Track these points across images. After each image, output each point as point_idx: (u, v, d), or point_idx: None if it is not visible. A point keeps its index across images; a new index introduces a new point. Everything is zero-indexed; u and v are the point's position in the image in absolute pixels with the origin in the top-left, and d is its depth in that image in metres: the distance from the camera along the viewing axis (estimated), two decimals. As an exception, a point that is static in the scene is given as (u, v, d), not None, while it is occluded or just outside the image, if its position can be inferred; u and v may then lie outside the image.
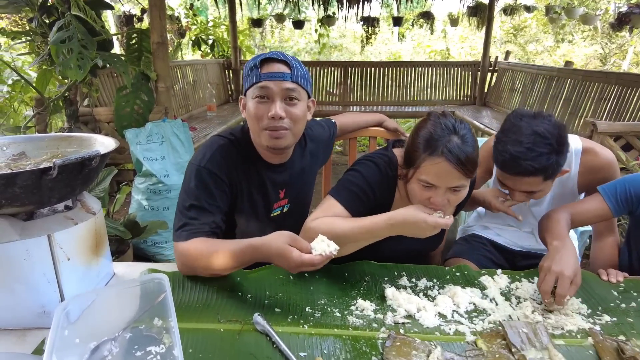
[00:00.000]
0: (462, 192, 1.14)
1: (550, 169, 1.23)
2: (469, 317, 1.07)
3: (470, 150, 1.09)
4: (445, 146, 1.08)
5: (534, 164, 1.22)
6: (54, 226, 0.96)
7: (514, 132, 1.27)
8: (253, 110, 1.19)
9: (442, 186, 1.11)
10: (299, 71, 1.20)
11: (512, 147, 1.24)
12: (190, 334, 0.94)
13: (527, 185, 1.29)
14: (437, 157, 1.08)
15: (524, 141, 1.23)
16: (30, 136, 1.21)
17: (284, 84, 1.17)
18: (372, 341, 0.95)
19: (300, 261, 0.97)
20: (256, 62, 1.19)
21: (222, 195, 1.23)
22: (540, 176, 1.25)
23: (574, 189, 1.49)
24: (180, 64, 5.03)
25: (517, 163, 1.24)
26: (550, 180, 1.28)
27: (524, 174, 1.25)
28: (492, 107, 5.83)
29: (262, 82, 1.17)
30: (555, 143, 1.23)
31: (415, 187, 1.15)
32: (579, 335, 1.00)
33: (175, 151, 2.84)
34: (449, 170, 1.08)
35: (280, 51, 1.23)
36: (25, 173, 0.85)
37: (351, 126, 1.76)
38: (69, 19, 2.30)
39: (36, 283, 0.94)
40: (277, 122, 1.18)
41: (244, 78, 1.24)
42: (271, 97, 1.18)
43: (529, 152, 1.22)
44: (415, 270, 1.27)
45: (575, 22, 7.08)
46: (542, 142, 1.22)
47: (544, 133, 1.23)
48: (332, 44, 10.81)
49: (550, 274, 1.09)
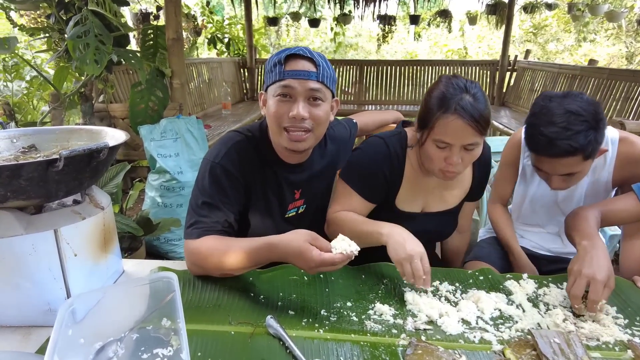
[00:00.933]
0: (475, 151, 1.15)
1: (590, 147, 1.15)
2: (494, 324, 1.00)
3: (482, 107, 1.10)
4: (458, 103, 1.09)
5: (572, 142, 1.14)
6: (61, 221, 0.92)
7: (544, 114, 1.19)
8: (273, 109, 1.13)
9: (456, 144, 1.12)
10: (325, 70, 1.13)
11: (546, 129, 1.17)
12: (199, 336, 0.90)
13: (566, 167, 1.20)
14: (450, 115, 1.10)
15: (557, 121, 1.16)
16: (41, 129, 1.18)
17: (308, 83, 1.10)
18: (391, 348, 0.89)
19: (320, 260, 0.92)
20: (280, 57, 1.11)
21: (236, 193, 1.18)
22: (579, 155, 1.16)
23: (608, 183, 1.40)
24: (195, 62, 5.03)
25: (553, 144, 1.16)
26: (590, 159, 1.19)
27: (563, 155, 1.16)
28: (511, 107, 5.70)
29: (285, 80, 1.10)
30: (591, 119, 1.14)
31: (430, 149, 1.16)
32: (617, 348, 0.92)
33: (190, 148, 2.81)
34: (462, 127, 1.09)
35: (306, 47, 1.16)
36: (30, 164, 0.81)
37: (371, 125, 1.70)
38: (85, 13, 2.29)
39: (42, 279, 0.91)
40: (298, 123, 1.11)
41: (266, 73, 1.17)
42: (294, 96, 1.11)
43: (565, 131, 1.14)
44: (436, 273, 1.20)
45: (600, 19, 6.87)
46: (576, 119, 1.14)
47: (578, 110, 1.15)
48: (347, 43, 10.74)
49: (581, 277, 1.02)
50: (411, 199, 1.35)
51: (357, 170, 1.30)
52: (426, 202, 1.37)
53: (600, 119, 1.16)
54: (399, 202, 1.34)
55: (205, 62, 5.29)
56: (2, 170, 0.79)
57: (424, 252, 1.07)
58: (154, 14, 5.41)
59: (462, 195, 1.40)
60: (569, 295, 1.04)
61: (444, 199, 1.38)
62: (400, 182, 1.32)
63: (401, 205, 1.35)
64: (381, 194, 1.31)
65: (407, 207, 1.35)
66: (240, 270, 1.07)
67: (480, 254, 1.59)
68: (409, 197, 1.34)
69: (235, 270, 1.07)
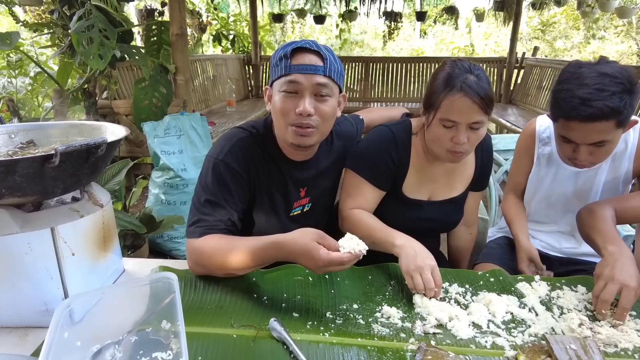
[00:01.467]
0: (481, 131, 1.17)
1: (625, 111, 1.10)
2: (506, 328, 0.96)
3: (486, 86, 1.13)
4: (464, 82, 1.12)
5: (608, 103, 1.08)
6: (58, 218, 0.89)
7: (576, 78, 1.14)
8: (279, 105, 1.09)
9: (462, 122, 1.14)
10: (332, 64, 1.09)
11: (580, 91, 1.12)
12: (200, 339, 0.86)
13: (597, 133, 1.14)
14: (456, 93, 1.12)
15: (591, 83, 1.11)
16: (40, 124, 1.16)
17: (315, 78, 1.06)
18: (400, 353, 0.86)
19: (328, 259, 0.89)
20: (286, 51, 1.07)
21: (240, 191, 1.15)
22: (613, 120, 1.10)
23: (628, 172, 1.35)
24: (200, 59, 5.01)
25: (588, 105, 1.10)
26: (620, 129, 1.14)
27: (597, 118, 1.11)
28: (518, 104, 5.62)
29: (291, 75, 1.06)
30: (626, 82, 1.09)
31: (437, 130, 1.18)
32: (636, 355, 0.88)
33: (194, 145, 2.79)
34: (468, 105, 1.11)
35: (313, 40, 1.13)
36: (26, 160, 0.78)
37: (377, 121, 1.66)
38: (88, 8, 2.27)
39: (38, 279, 0.88)
40: (304, 119, 1.07)
41: (272, 67, 1.13)
42: (300, 91, 1.07)
43: (600, 93, 1.09)
44: (446, 274, 1.17)
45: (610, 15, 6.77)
46: (611, 81, 1.09)
47: (613, 73, 1.10)
48: (353, 40, 10.67)
49: (614, 283, 0.98)
50: (418, 186, 1.35)
51: (364, 158, 1.30)
52: (432, 190, 1.37)
53: (635, 83, 1.11)
54: (405, 189, 1.34)
55: (210, 59, 5.26)
56: (-5, 166, 0.76)
57: (435, 265, 1.06)
58: (158, 11, 5.39)
59: (466, 183, 1.41)
60: (597, 299, 1.00)
61: (450, 186, 1.38)
62: (407, 168, 1.32)
63: (408, 192, 1.34)
64: (390, 179, 1.32)
65: (414, 195, 1.35)
66: (245, 270, 1.04)
67: (490, 255, 1.55)
68: (415, 184, 1.34)
69: (240, 270, 1.03)
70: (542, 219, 1.55)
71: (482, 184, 1.46)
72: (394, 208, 1.35)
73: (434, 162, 1.32)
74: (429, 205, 1.37)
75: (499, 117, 4.70)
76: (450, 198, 1.39)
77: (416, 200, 1.35)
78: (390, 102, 6.06)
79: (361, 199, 1.30)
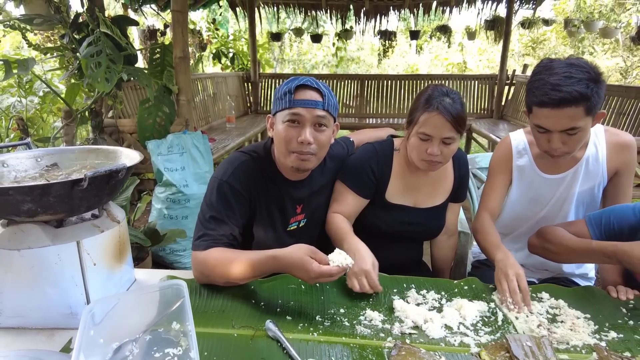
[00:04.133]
0: (453, 145, 1.37)
1: (592, 98, 1.23)
2: (474, 329, 1.09)
3: (459, 108, 1.34)
4: (440, 103, 1.33)
5: (576, 88, 1.22)
6: (82, 233, 1.03)
7: (547, 70, 1.29)
8: (283, 133, 1.25)
9: (436, 136, 1.34)
10: (329, 99, 1.26)
11: (550, 79, 1.26)
12: (205, 338, 0.99)
13: (568, 119, 1.26)
14: (433, 111, 1.33)
15: (560, 72, 1.25)
16: (62, 148, 1.30)
17: (315, 111, 1.23)
18: (378, 350, 0.99)
19: (319, 272, 1.04)
20: (290, 87, 1.24)
21: (241, 209, 1.29)
22: (581, 105, 1.23)
23: (603, 172, 1.48)
24: (201, 77, 5.18)
25: (558, 90, 1.23)
26: (590, 116, 1.26)
27: (567, 102, 1.23)
28: (509, 120, 5.79)
29: (295, 108, 1.22)
30: (592, 72, 1.25)
31: (415, 141, 1.39)
32: (583, 351, 1.01)
33: (195, 162, 2.93)
34: (442, 122, 1.32)
35: (313, 78, 1.29)
36: (59, 184, 0.92)
37: (366, 141, 1.81)
38: (98, 35, 2.43)
39: (65, 286, 1.01)
40: (305, 147, 1.24)
41: (276, 100, 1.29)
42: (302, 122, 1.23)
43: (568, 79, 1.23)
44: (425, 283, 1.30)
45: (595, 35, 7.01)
46: (579, 70, 1.24)
47: (579, 63, 1.26)
48: (349, 57, 10.93)
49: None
50: (402, 193, 1.53)
51: (349, 169, 1.51)
52: (417, 198, 1.55)
53: (600, 74, 1.26)
54: (389, 196, 1.52)
55: (210, 77, 5.44)
56: (35, 189, 0.90)
57: (368, 270, 1.20)
58: (160, 31, 5.58)
59: (446, 194, 1.58)
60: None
61: (432, 195, 1.56)
62: (389, 177, 1.52)
63: (392, 198, 1.52)
64: (371, 188, 1.51)
65: (398, 200, 1.53)
66: (244, 280, 1.17)
67: (474, 274, 1.69)
68: (400, 191, 1.52)
69: (240, 280, 1.17)
70: (515, 232, 1.67)
71: (461, 195, 1.63)
72: (380, 213, 1.54)
73: (416, 172, 1.50)
74: (413, 210, 1.54)
75: (490, 132, 4.85)
76: (433, 206, 1.56)
77: (400, 205, 1.53)
78: (385, 118, 6.23)
79: (344, 204, 1.49)
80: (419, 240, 1.68)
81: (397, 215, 1.53)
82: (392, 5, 6.46)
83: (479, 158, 2.23)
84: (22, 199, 0.91)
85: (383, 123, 5.92)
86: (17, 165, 1.17)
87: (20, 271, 0.98)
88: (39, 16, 2.49)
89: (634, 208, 1.29)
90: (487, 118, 6.07)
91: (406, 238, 1.59)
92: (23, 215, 0.96)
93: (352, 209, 1.50)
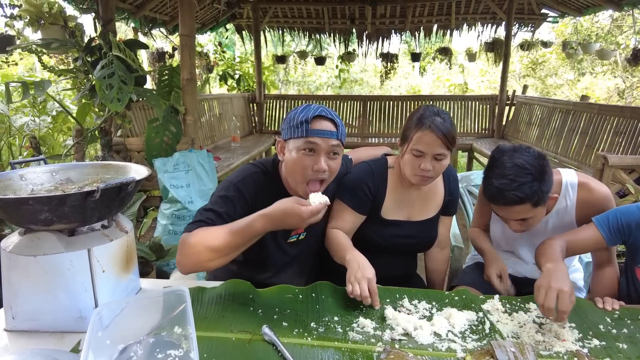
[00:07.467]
0: (444, 161, 1.45)
1: (535, 196, 1.33)
2: (462, 336, 1.14)
3: (449, 126, 1.42)
4: (432, 122, 1.41)
5: (518, 193, 1.33)
6: (93, 241, 1.10)
7: (497, 167, 1.40)
8: (299, 162, 1.32)
9: (429, 153, 1.42)
10: (341, 129, 1.36)
11: (497, 181, 1.37)
12: (205, 341, 1.06)
13: (518, 213, 1.39)
14: (425, 129, 1.41)
15: (506, 173, 1.35)
16: (75, 164, 1.39)
17: (330, 141, 1.31)
18: (368, 354, 1.04)
19: (310, 211, 1.14)
20: (307, 117, 1.30)
21: (242, 211, 1.35)
22: (527, 204, 1.34)
23: (572, 222, 1.55)
24: (207, 98, 5.34)
25: (502, 194, 1.35)
26: (540, 206, 1.37)
27: (512, 203, 1.36)
28: (510, 139, 5.87)
29: (311, 137, 1.30)
30: (535, 172, 1.34)
31: (409, 157, 1.46)
32: (565, 357, 1.06)
33: (200, 179, 3.02)
34: (434, 140, 1.40)
35: (325, 107, 1.37)
36: (74, 195, 1.00)
37: (363, 159, 1.89)
38: (111, 58, 2.56)
39: (76, 291, 1.08)
40: (319, 175, 1.33)
41: (291, 127, 1.33)
42: (318, 151, 1.31)
43: (512, 183, 1.33)
44: (417, 294, 1.35)
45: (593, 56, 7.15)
46: (522, 172, 1.34)
47: (524, 164, 1.35)
48: (353, 78, 11.14)
49: (551, 290, 1.15)
50: (396, 208, 1.60)
51: (346, 187, 1.58)
52: (410, 212, 1.62)
53: (545, 171, 1.36)
54: (384, 213, 1.59)
55: (217, 98, 5.60)
56: (52, 199, 0.98)
57: (371, 278, 1.25)
58: (168, 53, 5.77)
59: (438, 207, 1.65)
60: (541, 307, 1.16)
61: (425, 209, 1.63)
62: (384, 194, 1.58)
63: (387, 214, 1.59)
64: (367, 205, 1.57)
65: (393, 216, 1.60)
66: (233, 247, 1.20)
67: (465, 280, 1.74)
68: (394, 207, 1.59)
69: (229, 248, 1.19)
70: (511, 250, 1.74)
71: (452, 209, 1.70)
72: (376, 228, 1.60)
73: (409, 188, 1.58)
74: (407, 223, 1.61)
75: (490, 151, 4.91)
76: (425, 219, 1.63)
77: (395, 221, 1.60)
78: (387, 137, 6.34)
79: (341, 220, 1.56)
80: (413, 253, 1.74)
81: (392, 229, 1.60)
82: (393, 29, 6.66)
83: (474, 175, 2.30)
84: (40, 209, 0.99)
85: (385, 142, 6.02)
86: (34, 179, 1.25)
87: (36, 276, 1.05)
88: (56, 40, 2.62)
89: (637, 205, 1.38)
90: (488, 137, 6.16)
91: (400, 250, 1.64)
92: (40, 223, 1.04)
93: (350, 225, 1.57)
